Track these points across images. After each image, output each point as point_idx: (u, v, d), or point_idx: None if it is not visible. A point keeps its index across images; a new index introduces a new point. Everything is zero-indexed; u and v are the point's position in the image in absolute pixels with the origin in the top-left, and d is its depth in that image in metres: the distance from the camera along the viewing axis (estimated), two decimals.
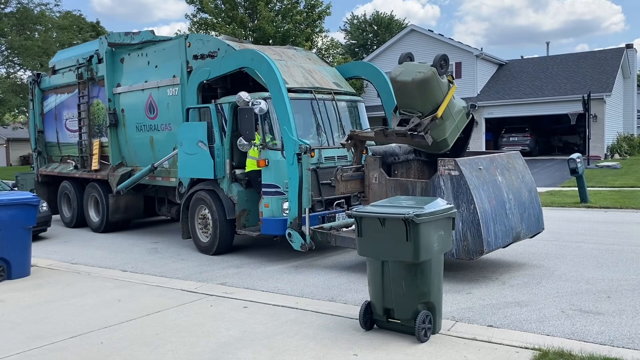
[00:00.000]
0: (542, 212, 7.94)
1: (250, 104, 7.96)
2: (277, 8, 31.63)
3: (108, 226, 11.80)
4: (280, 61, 9.06)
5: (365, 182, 7.65)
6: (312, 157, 7.88)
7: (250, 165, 8.55)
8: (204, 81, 9.17)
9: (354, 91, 10.42)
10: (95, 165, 11.75)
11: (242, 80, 9.35)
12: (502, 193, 7.05)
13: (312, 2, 32.30)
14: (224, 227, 8.83)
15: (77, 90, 12.25)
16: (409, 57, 7.67)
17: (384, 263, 4.94)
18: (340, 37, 70.28)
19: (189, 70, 9.58)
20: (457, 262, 7.49)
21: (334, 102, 9.39)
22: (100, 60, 11.52)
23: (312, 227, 7.80)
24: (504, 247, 7.11)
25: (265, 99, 8.26)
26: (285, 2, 31.48)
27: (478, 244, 6.50)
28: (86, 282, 7.58)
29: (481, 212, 6.51)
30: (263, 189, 8.30)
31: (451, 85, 7.35)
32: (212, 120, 8.96)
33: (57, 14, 37.78)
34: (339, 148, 8.94)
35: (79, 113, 12.23)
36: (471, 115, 7.67)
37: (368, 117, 10.21)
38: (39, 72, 14.23)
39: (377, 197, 7.16)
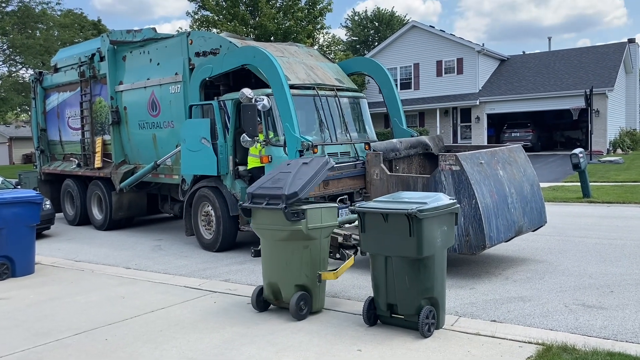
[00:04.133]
0: (545, 205, 7.93)
1: (253, 100, 7.96)
2: (278, 5, 31.55)
3: (111, 224, 11.82)
4: (282, 58, 9.06)
5: (366, 178, 7.64)
6: (314, 153, 7.88)
7: (252, 162, 8.56)
8: (207, 78, 9.17)
9: (356, 87, 10.40)
10: (98, 163, 11.77)
11: (244, 77, 9.36)
12: (503, 187, 7.04)
13: None
14: (227, 223, 8.84)
15: (79, 88, 12.26)
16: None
17: (387, 259, 4.95)
18: (342, 34, 70.20)
19: (191, 67, 9.58)
20: (459, 257, 7.50)
21: (336, 98, 9.36)
22: (102, 58, 11.52)
23: None
24: (506, 241, 7.11)
25: (268, 95, 8.25)
26: None
27: (480, 239, 6.50)
28: (90, 279, 7.61)
29: (483, 207, 6.51)
30: None
31: None
32: (215, 117, 8.96)
33: (59, 12, 37.83)
34: (341, 144, 8.94)
35: (82, 111, 12.24)
36: None
37: (369, 114, 10.21)
38: (41, 70, 14.24)
39: (378, 193, 7.17)
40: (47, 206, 11.31)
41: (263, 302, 5.74)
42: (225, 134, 8.89)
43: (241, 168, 8.88)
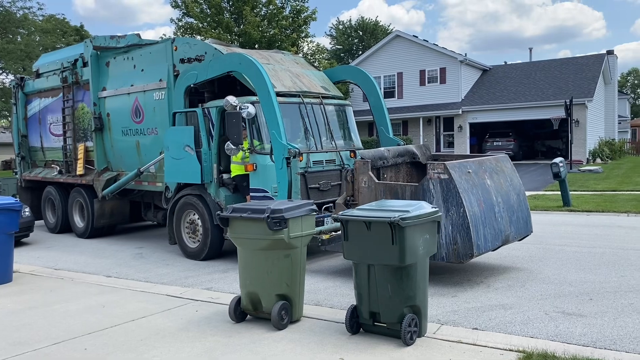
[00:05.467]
0: (531, 215, 8.00)
1: (238, 108, 7.92)
2: (262, 13, 31.62)
3: (93, 232, 11.65)
4: (268, 65, 9.05)
5: (354, 186, 7.63)
6: (300, 161, 7.87)
7: (235, 170, 8.52)
8: (191, 85, 9.10)
9: (342, 95, 10.42)
10: (80, 170, 11.62)
11: (229, 84, 9.32)
12: (491, 196, 7.07)
13: (298, 7, 32.36)
14: (214, 232, 8.75)
15: (61, 94, 12.12)
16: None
17: (370, 267, 4.96)
18: (326, 42, 70.54)
19: (175, 74, 9.51)
20: (442, 265, 7.54)
21: (321, 106, 9.38)
22: (85, 64, 11.40)
23: None
24: (493, 250, 7.15)
25: (253, 103, 8.23)
26: (271, 7, 31.49)
27: (468, 248, 6.50)
28: (69, 287, 7.49)
29: (471, 216, 6.51)
30: (251, 194, 8.22)
31: None
32: (199, 124, 8.89)
33: (40, 18, 37.48)
34: (327, 152, 8.94)
35: (64, 117, 12.09)
36: None
37: (355, 122, 10.24)
38: (22, 75, 14.03)
39: (366, 200, 7.14)
40: (27, 213, 11.14)
41: (241, 312, 5.69)
42: (210, 141, 8.83)
43: (225, 176, 8.83)
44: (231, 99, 7.96)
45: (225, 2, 31.02)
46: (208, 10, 30.94)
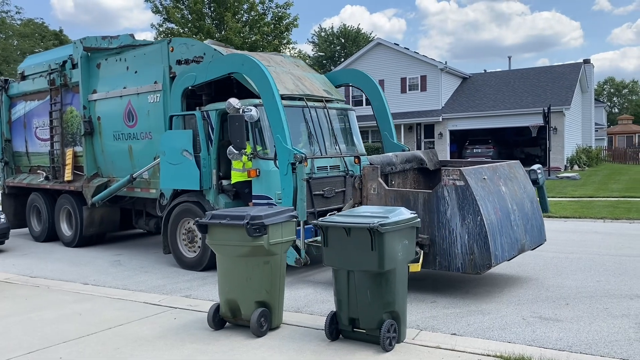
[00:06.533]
0: (544, 223, 7.78)
1: (240, 111, 7.59)
2: (244, 19, 31.65)
3: (82, 240, 11.17)
4: (269, 67, 8.61)
5: (362, 193, 7.23)
6: (306, 166, 7.49)
7: (235, 176, 8.16)
8: (189, 87, 8.72)
9: (344, 99, 10.11)
10: (68, 176, 11.13)
11: (226, 87, 9.00)
12: (506, 204, 6.80)
13: (280, 13, 32.46)
14: None
15: (48, 97, 11.63)
16: None
17: (349, 273, 4.96)
18: (308, 49, 70.67)
19: (171, 76, 9.14)
20: (423, 271, 7.57)
21: (325, 110, 9.07)
22: (74, 66, 10.89)
23: (306, 241, 7.43)
24: (508, 260, 6.86)
25: (255, 106, 7.90)
26: (252, 14, 31.52)
27: (486, 258, 6.24)
28: (45, 295, 7.36)
29: (488, 224, 6.25)
30: (254, 201, 7.88)
31: None
32: (198, 128, 8.52)
33: (19, 22, 37.00)
34: (331, 157, 8.65)
35: (51, 121, 11.57)
36: None
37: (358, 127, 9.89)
38: (6, 78, 13.61)
39: None
40: (2, 220, 10.92)
41: (220, 320, 5.64)
42: (209, 146, 8.46)
43: (225, 182, 8.49)
44: (234, 101, 7.62)
45: (206, 8, 30.99)
46: (189, 16, 30.87)
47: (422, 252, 6.15)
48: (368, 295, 4.88)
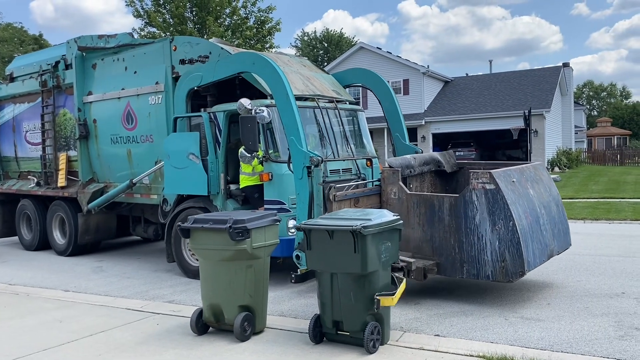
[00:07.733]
0: (569, 226, 7.60)
1: (252, 111, 7.28)
2: (226, 23, 31.55)
3: (76, 249, 10.71)
4: None
5: (382, 198, 6.89)
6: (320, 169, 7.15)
7: (244, 180, 7.89)
8: (195, 88, 8.29)
9: (354, 100, 9.84)
10: (61, 181, 10.70)
11: (228, 87, 8.71)
12: (535, 207, 6.55)
13: (262, 18, 32.41)
14: None
15: (40, 99, 11.16)
16: None
17: (333, 275, 4.97)
18: (292, 53, 70.70)
19: (174, 76, 8.74)
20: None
21: (336, 110, 8.77)
22: (68, 66, 10.48)
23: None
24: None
25: (267, 106, 7.57)
26: (235, 18, 31.45)
27: (518, 265, 5.97)
28: (25, 303, 7.25)
29: (520, 229, 5.97)
30: (265, 206, 7.52)
31: None
32: (205, 130, 8.11)
33: None
34: (344, 160, 8.44)
35: (43, 124, 11.12)
36: None
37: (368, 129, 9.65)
38: None
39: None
40: None
41: (203, 325, 5.59)
42: (216, 149, 8.06)
43: (233, 187, 8.15)
44: (245, 101, 7.31)
45: (188, 12, 30.83)
46: (171, 20, 30.67)
47: (404, 280, 5.35)
48: (351, 298, 4.89)
